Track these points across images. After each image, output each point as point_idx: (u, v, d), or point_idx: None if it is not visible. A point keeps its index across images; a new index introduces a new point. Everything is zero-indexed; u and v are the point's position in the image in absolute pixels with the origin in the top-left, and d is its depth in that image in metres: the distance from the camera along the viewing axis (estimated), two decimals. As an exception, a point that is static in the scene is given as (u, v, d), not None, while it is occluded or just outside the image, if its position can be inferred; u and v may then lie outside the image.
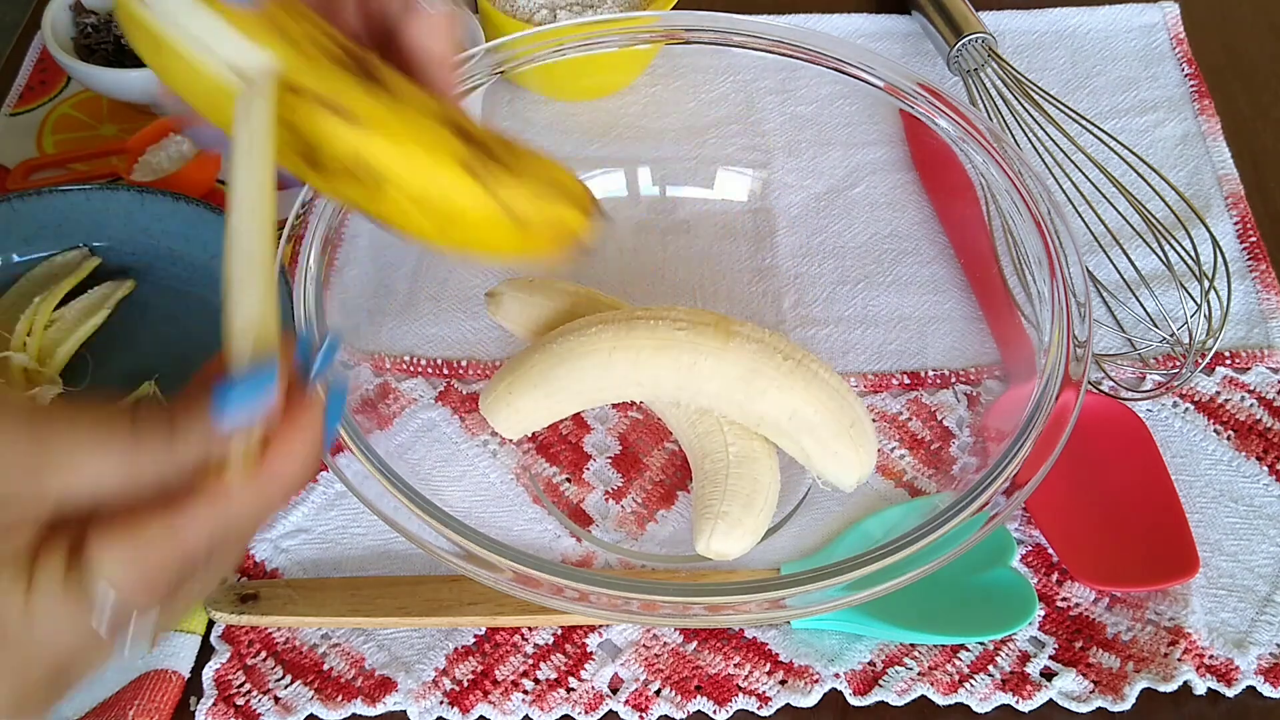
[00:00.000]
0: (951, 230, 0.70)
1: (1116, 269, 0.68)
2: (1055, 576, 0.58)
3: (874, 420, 0.58)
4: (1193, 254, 0.66)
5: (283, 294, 0.54)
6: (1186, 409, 0.64)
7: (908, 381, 0.65)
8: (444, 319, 0.67)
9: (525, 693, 0.55)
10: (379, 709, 0.55)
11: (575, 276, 0.67)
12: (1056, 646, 0.56)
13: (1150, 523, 0.59)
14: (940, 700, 0.55)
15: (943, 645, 0.56)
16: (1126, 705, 0.54)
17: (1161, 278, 0.68)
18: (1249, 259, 0.70)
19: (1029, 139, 0.72)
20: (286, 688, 0.56)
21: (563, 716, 0.55)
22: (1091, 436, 0.61)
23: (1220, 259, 0.67)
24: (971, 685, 0.55)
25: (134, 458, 0.30)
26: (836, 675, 0.55)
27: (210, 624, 0.58)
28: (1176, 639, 0.56)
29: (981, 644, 0.56)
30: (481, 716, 0.55)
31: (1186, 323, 0.65)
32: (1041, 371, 0.52)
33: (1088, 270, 0.57)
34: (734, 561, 0.57)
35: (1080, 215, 0.69)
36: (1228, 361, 0.66)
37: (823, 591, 0.47)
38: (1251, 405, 0.64)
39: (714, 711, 0.55)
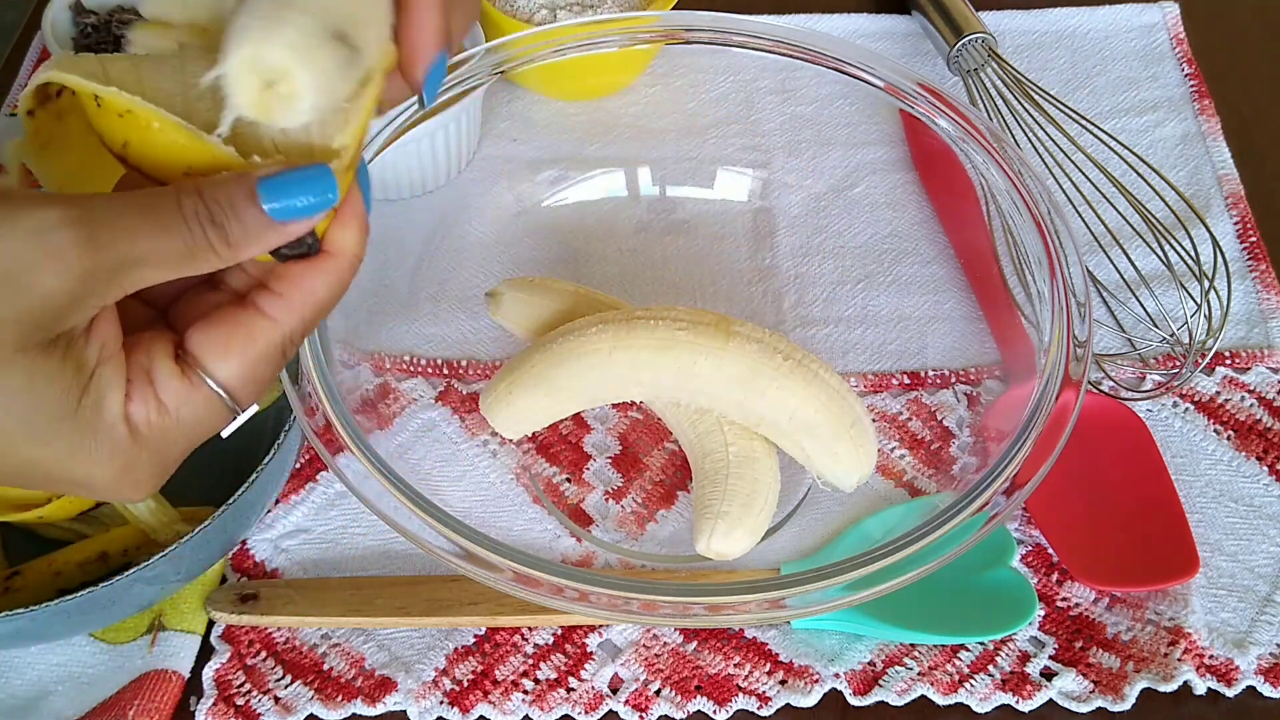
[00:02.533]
0: (951, 230, 0.70)
1: (1116, 269, 0.68)
2: (1055, 576, 0.58)
3: (874, 420, 0.58)
4: (1193, 254, 0.66)
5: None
6: (1186, 409, 0.64)
7: (908, 381, 0.65)
8: (444, 319, 0.67)
9: (525, 693, 0.55)
10: (379, 709, 0.55)
11: (575, 276, 0.67)
12: (1056, 646, 0.56)
13: (1150, 523, 0.59)
14: (940, 700, 0.55)
15: (943, 645, 0.56)
16: (1126, 705, 0.54)
17: (1161, 278, 0.68)
18: (1249, 259, 0.70)
19: (1029, 139, 0.72)
20: (286, 688, 0.56)
21: (563, 716, 0.55)
22: (1091, 436, 0.61)
23: (1220, 259, 0.67)
24: (971, 685, 0.55)
25: (193, 262, 0.33)
26: (836, 675, 0.55)
27: (210, 624, 0.58)
28: (1176, 639, 0.56)
29: (981, 644, 0.56)
30: (481, 716, 0.55)
31: (1186, 323, 0.65)
32: (1041, 371, 0.52)
33: (1088, 270, 0.57)
34: (734, 561, 0.57)
35: (1080, 215, 0.69)
36: (1228, 361, 0.66)
37: (823, 591, 0.47)
38: (1251, 405, 0.64)
39: (714, 711, 0.55)
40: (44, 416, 0.33)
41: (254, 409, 0.36)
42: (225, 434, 0.37)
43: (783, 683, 0.55)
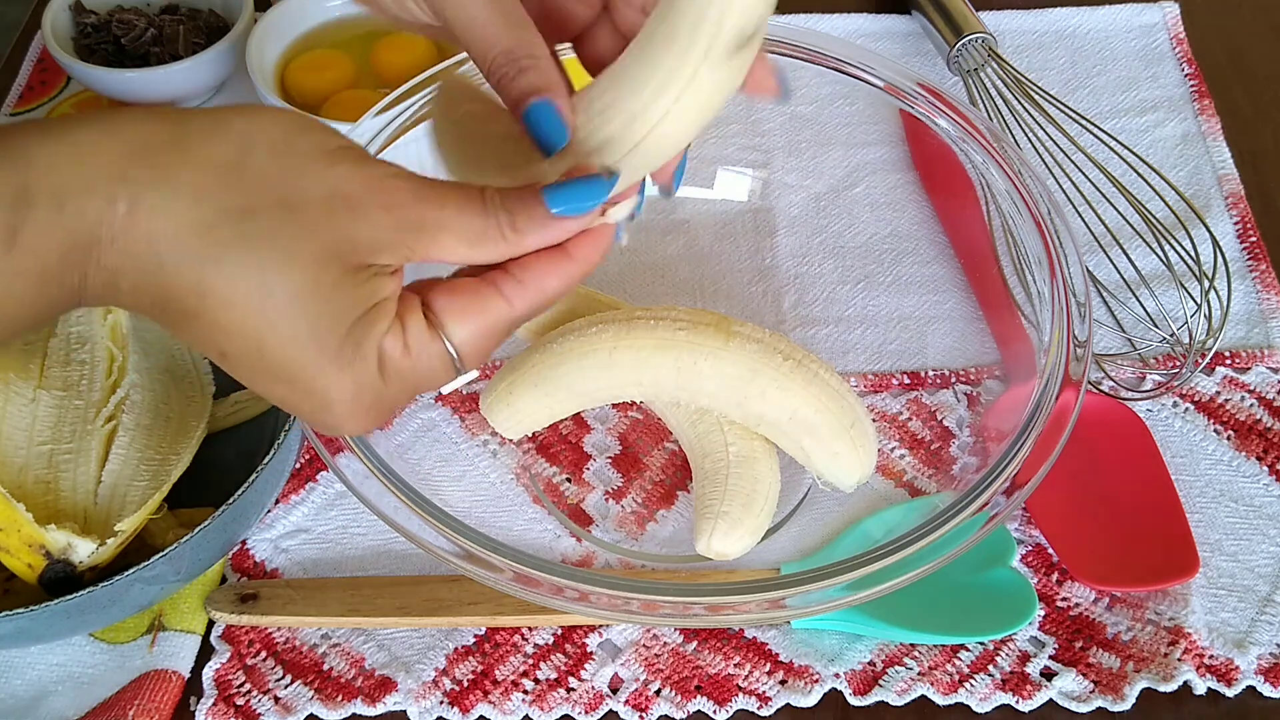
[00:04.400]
0: (951, 230, 0.70)
1: (1116, 269, 0.68)
2: (1055, 576, 0.58)
3: (874, 420, 0.58)
4: (1193, 254, 0.66)
5: None
6: (1186, 409, 0.64)
7: (908, 381, 0.65)
8: (444, 319, 0.67)
9: (525, 693, 0.55)
10: (379, 709, 0.55)
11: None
12: (1056, 646, 0.56)
13: (1150, 523, 0.59)
14: (940, 700, 0.55)
15: (943, 645, 0.56)
16: (1126, 705, 0.54)
17: (1161, 278, 0.68)
18: (1249, 259, 0.70)
19: (1029, 139, 0.72)
20: (286, 688, 0.56)
21: (563, 716, 0.55)
22: (1091, 436, 0.61)
23: (1220, 259, 0.67)
24: (971, 685, 0.55)
25: (482, 243, 0.39)
26: (836, 675, 0.55)
27: (210, 624, 0.58)
28: (1176, 639, 0.56)
29: (981, 644, 0.56)
30: (481, 716, 0.55)
31: (1186, 323, 0.65)
32: (1041, 371, 0.52)
33: (1088, 270, 0.57)
34: (734, 561, 0.57)
35: (1080, 215, 0.69)
36: (1228, 361, 0.66)
37: (823, 591, 0.47)
38: (1251, 405, 0.64)
39: (714, 711, 0.55)
40: (327, 320, 0.37)
41: (473, 374, 0.41)
42: (446, 390, 0.41)
43: (783, 683, 0.55)
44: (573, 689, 0.55)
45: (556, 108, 0.41)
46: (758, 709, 0.55)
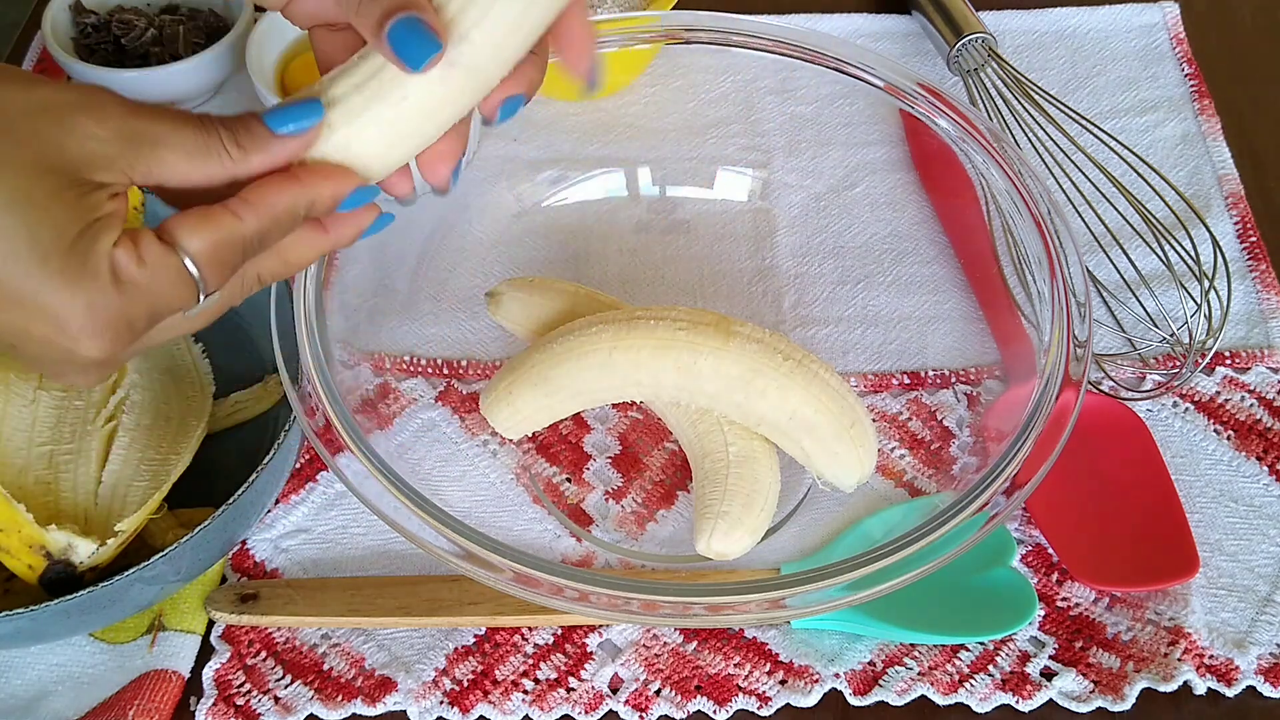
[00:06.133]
0: (951, 230, 0.70)
1: (1116, 269, 0.68)
2: (1055, 576, 0.58)
3: (874, 420, 0.58)
4: (1193, 254, 0.66)
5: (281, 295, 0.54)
6: (1186, 409, 0.64)
7: (908, 381, 0.65)
8: (444, 319, 0.67)
9: (525, 693, 0.55)
10: (379, 709, 0.55)
11: (575, 276, 0.67)
12: (1056, 646, 0.56)
13: (1150, 523, 0.59)
14: (940, 700, 0.55)
15: (943, 645, 0.56)
16: (1126, 705, 0.54)
17: (1161, 278, 0.68)
18: (1249, 259, 0.70)
19: (1029, 139, 0.72)
20: (286, 688, 0.56)
21: (563, 716, 0.55)
22: (1091, 436, 0.61)
23: (1220, 259, 0.67)
24: (971, 685, 0.55)
25: (205, 157, 0.39)
26: (836, 675, 0.55)
27: (210, 624, 0.58)
28: (1176, 639, 0.56)
29: (981, 644, 0.56)
30: (481, 716, 0.55)
31: (1186, 323, 0.65)
32: (1041, 371, 0.52)
33: (1088, 270, 0.57)
34: (734, 561, 0.57)
35: (1080, 215, 0.69)
36: (1228, 361, 0.66)
37: (823, 591, 0.47)
38: (1251, 405, 0.64)
39: (714, 711, 0.55)
40: (46, 231, 0.36)
41: (216, 297, 0.40)
42: (193, 313, 0.40)
43: (783, 683, 0.55)
44: (573, 689, 0.55)
45: (422, 21, 0.40)
46: (758, 709, 0.55)
